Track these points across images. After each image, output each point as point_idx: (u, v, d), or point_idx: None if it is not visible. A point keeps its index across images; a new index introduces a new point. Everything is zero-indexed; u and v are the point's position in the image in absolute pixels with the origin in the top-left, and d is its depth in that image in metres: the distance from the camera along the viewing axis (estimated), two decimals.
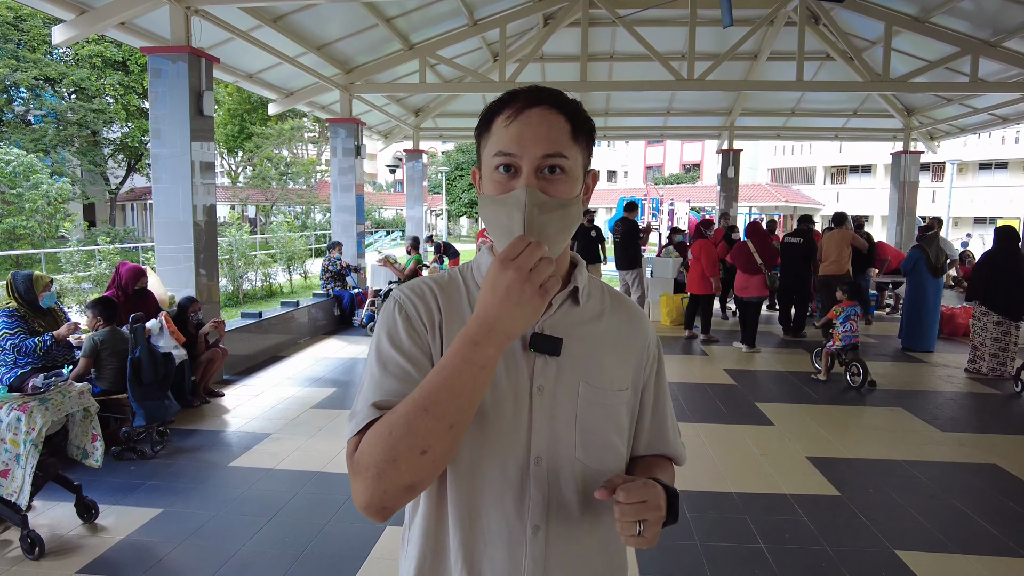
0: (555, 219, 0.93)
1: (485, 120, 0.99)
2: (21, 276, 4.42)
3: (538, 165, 0.93)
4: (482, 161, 0.99)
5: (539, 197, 0.91)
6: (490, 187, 0.96)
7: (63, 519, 3.45)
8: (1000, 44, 8.35)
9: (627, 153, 46.35)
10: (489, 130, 0.98)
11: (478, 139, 1.01)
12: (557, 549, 0.98)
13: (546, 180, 0.94)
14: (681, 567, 3.06)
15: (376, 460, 0.85)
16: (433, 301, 1.01)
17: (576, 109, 0.98)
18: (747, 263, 7.86)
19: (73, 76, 20.79)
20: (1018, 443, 4.85)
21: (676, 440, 1.16)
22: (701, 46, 9.40)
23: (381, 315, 1.03)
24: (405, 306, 1.01)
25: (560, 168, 0.94)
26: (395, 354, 0.96)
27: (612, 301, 1.11)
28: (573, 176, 0.96)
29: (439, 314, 1.00)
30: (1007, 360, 6.69)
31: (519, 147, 0.93)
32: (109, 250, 11.29)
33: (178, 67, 5.74)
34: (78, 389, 3.54)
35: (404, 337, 0.97)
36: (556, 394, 0.98)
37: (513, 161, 0.93)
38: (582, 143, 0.98)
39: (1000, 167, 32.55)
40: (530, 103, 0.95)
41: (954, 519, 3.60)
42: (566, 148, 0.95)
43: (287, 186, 26.50)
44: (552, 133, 0.94)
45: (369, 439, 0.88)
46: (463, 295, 1.04)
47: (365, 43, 8.75)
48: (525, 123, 0.94)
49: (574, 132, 0.96)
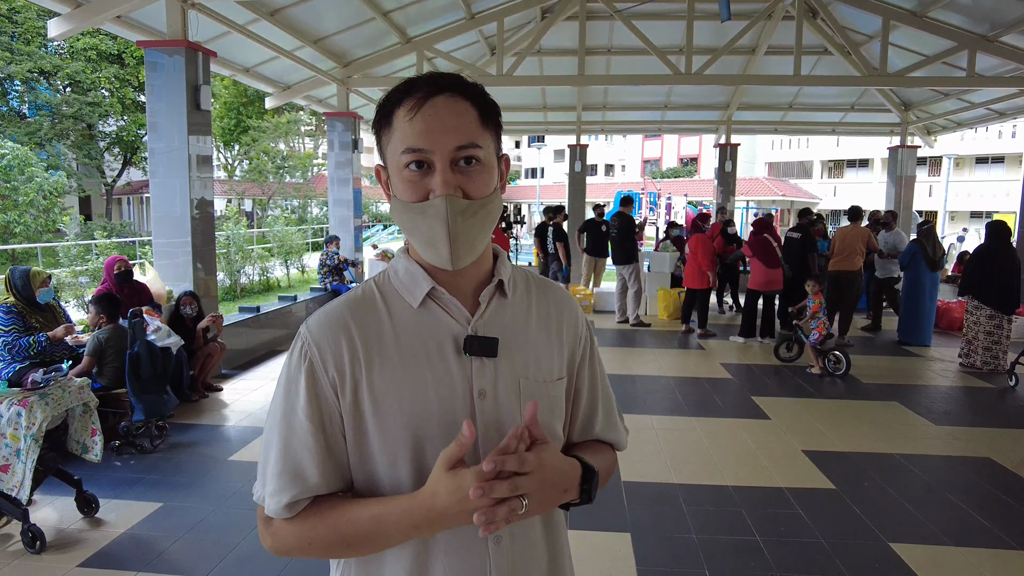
0: (478, 221, 0.90)
1: (383, 114, 0.91)
2: (19, 272, 4.42)
3: (452, 158, 0.87)
4: (387, 158, 0.92)
5: (460, 204, 0.87)
6: (402, 187, 0.90)
7: (64, 513, 3.47)
8: (997, 39, 8.36)
9: (625, 147, 46.32)
10: (390, 125, 0.90)
11: (378, 134, 0.93)
12: (519, 555, 0.95)
13: (463, 173, 0.88)
14: (677, 560, 3.08)
15: (290, 548, 0.92)
16: (345, 338, 0.92)
17: (481, 93, 0.92)
18: (770, 257, 7.87)
19: (68, 69, 20.67)
20: (1011, 436, 4.89)
21: (614, 424, 1.12)
22: (699, 40, 9.39)
23: (287, 358, 0.94)
24: (310, 353, 0.92)
25: (476, 159, 0.89)
26: (302, 423, 0.90)
27: (537, 288, 1.06)
28: (489, 165, 0.91)
29: (356, 350, 0.91)
30: (1000, 353, 6.74)
31: (429, 141, 0.86)
32: (106, 244, 11.28)
33: (175, 61, 5.73)
34: (77, 384, 3.55)
35: (304, 403, 0.90)
36: (498, 396, 0.94)
37: (424, 157, 0.87)
38: (492, 129, 0.92)
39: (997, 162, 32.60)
40: (432, 91, 0.88)
41: (947, 512, 3.63)
42: (478, 137, 0.89)
43: (284, 180, 26.46)
44: (462, 122, 0.88)
45: (285, 531, 0.91)
46: (382, 312, 0.95)
47: (362, 37, 8.72)
48: (431, 114, 0.87)
49: (482, 118, 0.90)
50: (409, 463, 0.91)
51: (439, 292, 0.95)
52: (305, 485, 0.89)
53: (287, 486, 0.89)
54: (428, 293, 0.95)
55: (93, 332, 4.57)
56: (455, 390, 0.92)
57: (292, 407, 0.91)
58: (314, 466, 0.89)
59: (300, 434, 0.90)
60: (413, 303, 0.95)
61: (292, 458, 0.90)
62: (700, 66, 8.79)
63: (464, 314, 0.95)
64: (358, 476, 0.93)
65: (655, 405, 5.63)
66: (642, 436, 4.77)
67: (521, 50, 9.35)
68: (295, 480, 0.89)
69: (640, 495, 3.78)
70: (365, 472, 0.93)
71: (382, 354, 0.92)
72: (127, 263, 5.42)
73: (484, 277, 1.00)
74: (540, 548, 1.00)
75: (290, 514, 0.90)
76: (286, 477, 0.89)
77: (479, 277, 0.99)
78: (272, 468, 0.90)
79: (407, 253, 1.00)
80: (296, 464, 0.89)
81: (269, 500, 0.90)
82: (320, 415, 0.90)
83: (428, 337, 0.94)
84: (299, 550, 0.91)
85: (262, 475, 0.92)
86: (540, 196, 30.45)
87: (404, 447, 0.90)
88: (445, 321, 0.95)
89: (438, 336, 0.94)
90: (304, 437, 0.90)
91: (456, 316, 0.95)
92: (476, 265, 0.97)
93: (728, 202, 12.92)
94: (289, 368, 0.93)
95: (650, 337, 8.65)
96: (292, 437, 0.90)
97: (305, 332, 0.94)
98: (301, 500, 0.89)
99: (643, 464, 4.24)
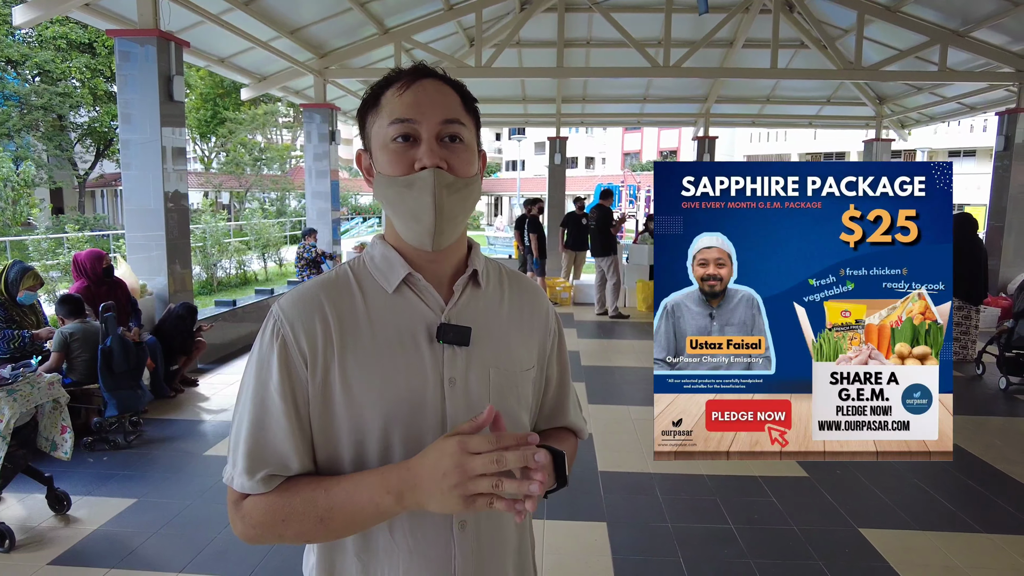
0: (461, 199, 0.92)
1: (373, 97, 0.95)
2: (17, 268, 4.48)
3: (438, 132, 0.90)
4: (372, 138, 0.95)
5: (447, 178, 0.89)
6: (386, 160, 0.91)
7: (34, 511, 3.41)
8: (968, 34, 8.51)
9: (605, 140, 46.39)
10: (378, 105, 0.93)
11: (364, 118, 0.96)
12: (486, 540, 0.97)
13: (448, 149, 0.91)
14: (653, 548, 3.12)
15: (262, 528, 0.89)
16: (319, 318, 0.92)
17: (463, 87, 0.97)
18: None
19: (37, 58, 20.14)
20: (977, 423, 5.02)
21: (577, 413, 1.16)
22: (677, 33, 9.43)
23: (259, 337, 0.93)
24: (283, 331, 0.91)
25: (459, 137, 0.92)
26: (274, 402, 0.89)
27: (510, 280, 1.08)
28: (471, 149, 0.95)
29: (329, 331, 0.91)
30: (968, 343, 6.95)
31: (418, 112, 0.90)
32: (78, 238, 11.06)
33: (146, 51, 5.61)
34: (47, 380, 3.49)
35: (277, 382, 0.89)
36: (468, 385, 0.95)
37: (411, 129, 0.90)
38: (472, 118, 0.97)
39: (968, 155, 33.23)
40: (420, 75, 0.93)
41: (915, 498, 3.72)
42: (463, 117, 0.93)
43: (261, 172, 26.12)
44: (448, 100, 0.92)
45: (258, 509, 0.89)
46: (356, 298, 0.95)
47: (339, 27, 8.61)
48: (420, 91, 0.91)
49: (465, 106, 0.95)
50: (376, 447, 0.91)
51: (415, 278, 0.96)
52: (278, 462, 0.89)
53: (260, 464, 0.88)
54: (404, 279, 0.95)
55: (58, 328, 4.50)
56: (426, 377, 0.92)
57: (264, 386, 0.90)
58: (288, 444, 0.89)
59: (273, 413, 0.89)
60: (388, 288, 0.96)
61: (265, 437, 0.89)
62: (678, 59, 8.83)
63: (438, 302, 0.96)
64: (322, 457, 0.93)
65: (633, 396, 5.68)
66: (620, 426, 4.82)
67: (500, 41, 9.32)
68: (269, 458, 0.89)
69: (617, 485, 3.82)
70: (329, 453, 0.92)
71: (355, 338, 0.92)
72: (108, 259, 5.32)
73: (459, 266, 1.01)
74: (509, 531, 1.01)
75: (265, 488, 0.88)
76: (259, 455, 0.88)
77: (454, 265, 1.00)
78: (244, 446, 0.89)
79: (383, 239, 1.01)
80: (269, 442, 0.89)
81: (240, 478, 0.89)
82: (293, 394, 0.90)
83: (402, 323, 0.94)
84: (272, 529, 0.88)
85: (233, 454, 0.91)
86: (520, 188, 30.42)
87: (372, 431, 0.90)
88: (419, 308, 0.95)
89: (412, 323, 0.94)
90: (277, 416, 0.89)
91: (430, 304, 0.96)
92: (451, 253, 0.99)
93: None
94: (261, 347, 0.92)
95: (629, 328, 8.71)
96: (265, 416, 0.89)
97: (278, 311, 0.93)
98: (276, 476, 0.89)
99: (620, 454, 4.28)
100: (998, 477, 4.00)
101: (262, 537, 0.89)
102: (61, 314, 4.51)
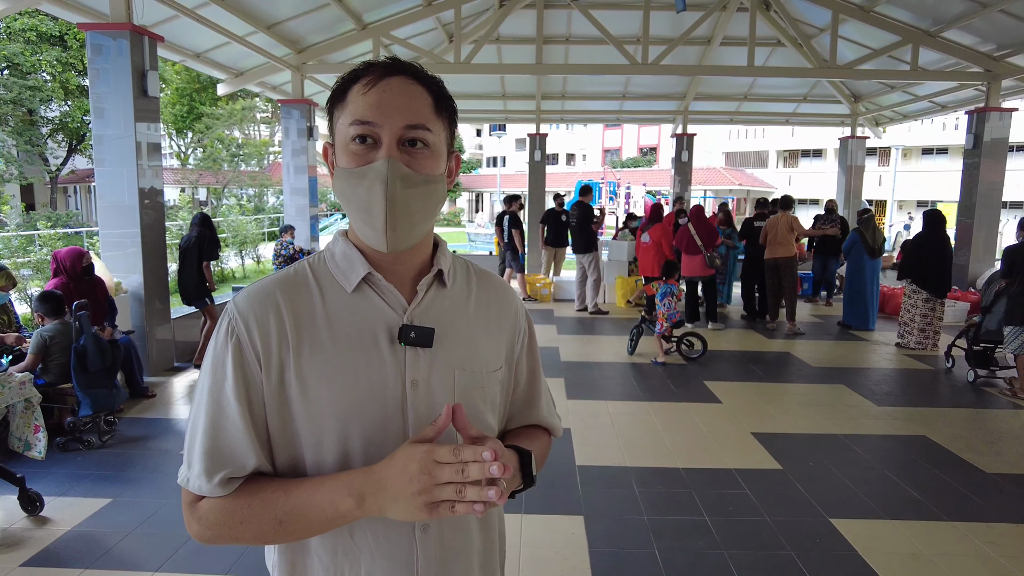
0: (419, 195, 0.88)
1: (340, 90, 0.91)
2: None
3: (400, 136, 0.87)
4: (336, 133, 0.91)
5: (402, 170, 0.86)
6: (345, 160, 0.88)
7: (6, 512, 3.37)
8: (939, 35, 8.69)
9: (585, 136, 46.54)
10: (344, 100, 0.89)
11: (331, 111, 0.92)
12: (449, 542, 0.95)
13: (409, 154, 0.88)
14: (628, 540, 3.17)
15: (219, 529, 0.87)
16: (274, 315, 0.89)
17: (439, 84, 0.93)
18: (689, 244, 8.23)
19: (5, 51, 19.69)
20: (945, 415, 5.14)
21: (550, 411, 1.14)
22: (655, 30, 9.50)
23: (214, 335, 0.91)
24: (237, 329, 0.89)
25: (424, 142, 0.88)
26: (230, 403, 0.87)
27: (478, 279, 1.05)
28: (437, 152, 0.91)
29: (284, 330, 0.89)
30: (931, 334, 7.27)
31: (379, 115, 0.86)
32: (50, 235, 10.86)
33: (119, 44, 5.52)
34: (19, 379, 3.44)
35: (232, 383, 0.87)
36: (431, 387, 0.92)
37: (371, 131, 0.87)
38: (445, 120, 0.92)
39: (941, 152, 33.83)
40: (390, 72, 0.88)
41: (884, 488, 3.81)
42: (430, 121, 0.89)
43: (239, 168, 25.80)
44: (415, 103, 0.88)
45: (215, 511, 0.87)
46: (314, 295, 0.92)
47: (317, 22, 8.55)
48: (385, 91, 0.87)
49: (437, 107, 0.91)
50: (335, 449, 0.89)
51: (375, 278, 0.93)
52: (236, 464, 0.87)
53: (217, 466, 0.86)
54: (364, 278, 0.93)
55: (37, 328, 4.43)
56: (387, 379, 0.90)
57: (219, 386, 0.88)
58: (244, 445, 0.87)
59: (229, 414, 0.87)
60: (347, 287, 0.93)
61: (221, 438, 0.87)
62: (657, 56, 8.90)
63: (401, 302, 0.94)
64: (283, 459, 0.91)
65: (611, 391, 5.74)
66: (597, 421, 4.86)
67: (479, 38, 9.31)
68: (225, 459, 0.87)
69: (594, 479, 3.86)
70: (288, 455, 0.91)
71: (312, 338, 0.89)
72: (89, 257, 5.23)
73: (423, 266, 0.98)
74: (474, 534, 0.99)
75: (224, 491, 0.86)
76: (215, 456, 0.86)
77: (418, 265, 0.97)
78: (199, 448, 0.87)
79: (346, 236, 0.97)
80: (225, 444, 0.87)
81: (198, 480, 0.87)
82: (248, 394, 0.88)
83: (362, 324, 0.91)
84: (229, 531, 0.86)
85: (188, 455, 0.88)
86: (501, 185, 30.41)
87: (331, 433, 0.89)
88: (380, 308, 0.93)
89: (372, 323, 0.92)
90: (233, 417, 0.87)
91: (392, 304, 0.93)
92: (415, 252, 0.96)
93: (686, 191, 13.12)
94: (216, 345, 0.89)
95: (608, 324, 8.77)
96: (220, 416, 0.87)
97: (232, 308, 0.90)
98: (235, 478, 0.87)
99: (597, 449, 4.32)
100: (964, 467, 4.11)
101: (219, 538, 0.88)
102: (41, 312, 4.42)
